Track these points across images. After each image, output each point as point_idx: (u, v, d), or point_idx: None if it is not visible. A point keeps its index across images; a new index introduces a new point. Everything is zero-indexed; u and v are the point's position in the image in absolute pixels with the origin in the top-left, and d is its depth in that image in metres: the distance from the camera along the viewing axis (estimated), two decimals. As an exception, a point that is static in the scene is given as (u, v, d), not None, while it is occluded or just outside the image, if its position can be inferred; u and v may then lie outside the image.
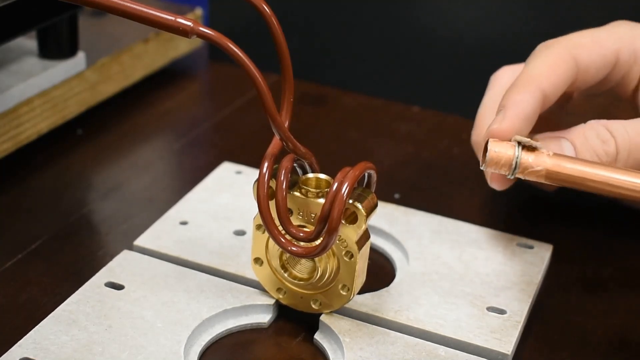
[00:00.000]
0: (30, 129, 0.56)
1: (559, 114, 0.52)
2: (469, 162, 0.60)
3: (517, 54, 0.56)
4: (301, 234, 0.41)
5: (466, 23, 0.66)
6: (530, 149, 0.42)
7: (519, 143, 0.42)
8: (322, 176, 0.43)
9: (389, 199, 0.54)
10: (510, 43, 0.64)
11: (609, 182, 0.41)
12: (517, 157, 0.42)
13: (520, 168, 0.42)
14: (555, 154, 0.42)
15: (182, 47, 0.68)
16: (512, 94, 0.46)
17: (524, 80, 0.46)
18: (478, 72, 0.54)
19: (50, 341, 0.41)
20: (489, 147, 0.42)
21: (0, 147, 0.54)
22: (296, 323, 0.44)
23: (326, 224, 0.40)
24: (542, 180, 0.42)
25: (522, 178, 0.42)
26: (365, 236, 0.43)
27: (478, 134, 0.51)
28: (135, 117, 0.63)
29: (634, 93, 0.49)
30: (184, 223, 0.49)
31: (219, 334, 0.43)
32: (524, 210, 0.55)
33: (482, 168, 0.43)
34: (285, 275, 0.44)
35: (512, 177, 0.42)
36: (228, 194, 0.52)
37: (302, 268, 0.43)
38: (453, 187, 0.57)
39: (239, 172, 0.54)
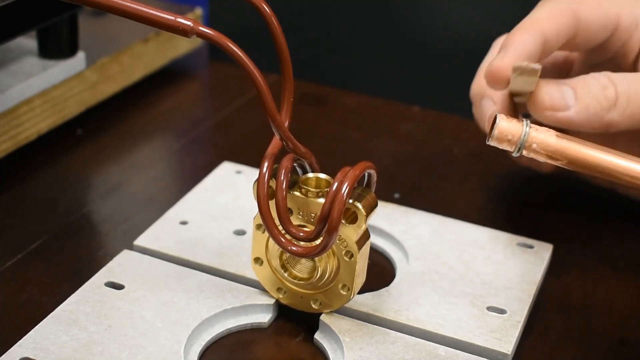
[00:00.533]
0: (30, 128, 0.56)
1: None
2: (469, 162, 0.60)
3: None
4: (301, 234, 0.41)
5: (466, 23, 0.66)
6: (538, 127, 0.42)
7: (526, 119, 0.42)
8: (322, 176, 0.43)
9: (389, 198, 0.54)
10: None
11: (609, 166, 0.41)
12: (525, 134, 0.41)
13: (527, 143, 0.41)
14: (561, 134, 0.42)
15: (182, 46, 0.68)
16: (513, 35, 0.47)
17: (525, 24, 0.47)
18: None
19: (50, 341, 0.41)
20: (497, 122, 0.42)
21: (0, 147, 0.54)
22: (296, 323, 0.44)
23: (326, 224, 0.40)
24: (546, 159, 0.42)
25: (526, 155, 0.42)
26: (365, 236, 0.43)
27: (478, 84, 0.51)
28: (135, 117, 0.63)
29: (634, 63, 0.50)
30: (184, 223, 0.49)
31: (219, 333, 0.43)
32: (523, 209, 0.55)
33: (488, 143, 0.43)
34: (285, 275, 0.44)
35: (518, 155, 0.42)
36: (228, 193, 0.52)
37: (302, 268, 0.43)
38: (453, 186, 0.57)
39: (239, 172, 0.54)
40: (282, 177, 0.41)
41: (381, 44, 0.68)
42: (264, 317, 0.44)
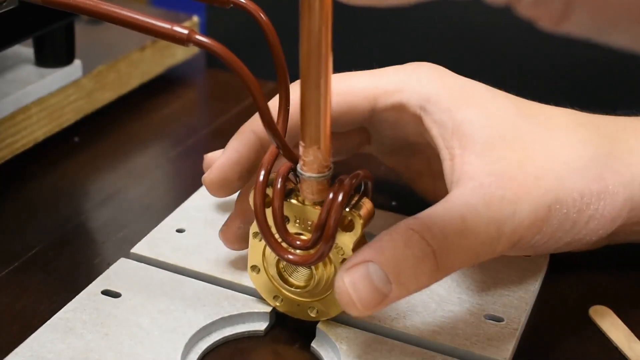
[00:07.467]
0: (26, 136, 0.56)
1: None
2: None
3: (512, 64, 0.56)
4: (298, 242, 0.41)
5: (462, 32, 0.66)
6: None
7: None
8: (319, 184, 0.43)
9: (386, 206, 0.54)
10: (505, 53, 0.65)
11: None
12: None
13: None
14: None
15: (179, 54, 0.68)
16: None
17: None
18: (477, 76, 0.54)
19: (47, 349, 0.41)
20: None
21: (-4, 155, 0.54)
22: (293, 331, 0.44)
23: (322, 232, 0.40)
24: None
25: None
26: (362, 243, 0.42)
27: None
28: (132, 125, 0.63)
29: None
30: (180, 231, 0.49)
31: (216, 341, 0.43)
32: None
33: None
34: (282, 282, 0.43)
35: None
36: (225, 201, 0.52)
37: (299, 275, 0.43)
38: (450, 194, 0.57)
39: (235, 180, 0.54)
40: (278, 185, 0.41)
41: (379, 51, 0.68)
42: (261, 325, 0.44)
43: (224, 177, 0.45)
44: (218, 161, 0.45)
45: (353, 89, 0.46)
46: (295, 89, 0.40)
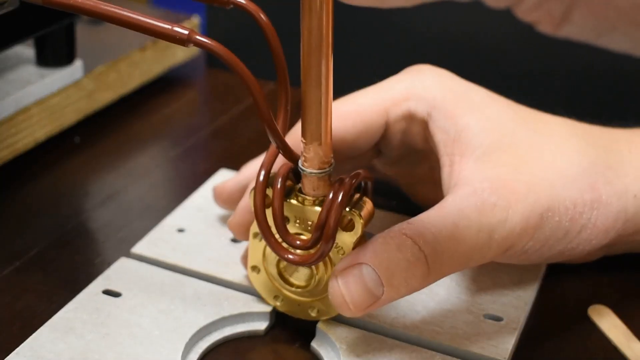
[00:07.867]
0: (27, 137, 0.56)
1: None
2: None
3: (510, 67, 0.56)
4: (298, 242, 0.41)
5: (464, 34, 0.66)
6: None
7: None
8: (319, 184, 0.43)
9: (386, 206, 0.54)
10: (503, 57, 0.65)
11: None
12: None
13: None
14: None
15: (180, 54, 0.68)
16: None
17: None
18: (476, 81, 0.54)
19: (47, 349, 0.41)
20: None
21: (-3, 155, 0.54)
22: (293, 330, 0.44)
23: (323, 232, 0.40)
24: None
25: None
26: (362, 243, 0.42)
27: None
28: (133, 125, 0.63)
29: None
30: (181, 230, 0.49)
31: (216, 341, 0.43)
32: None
33: None
34: (283, 282, 0.44)
35: None
36: (225, 201, 0.52)
37: (299, 275, 0.43)
38: (450, 194, 0.57)
39: (236, 180, 0.54)
40: (278, 186, 0.41)
41: (380, 52, 0.68)
42: (261, 325, 0.44)
43: (249, 220, 0.44)
44: (241, 203, 0.45)
45: (363, 106, 0.46)
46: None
